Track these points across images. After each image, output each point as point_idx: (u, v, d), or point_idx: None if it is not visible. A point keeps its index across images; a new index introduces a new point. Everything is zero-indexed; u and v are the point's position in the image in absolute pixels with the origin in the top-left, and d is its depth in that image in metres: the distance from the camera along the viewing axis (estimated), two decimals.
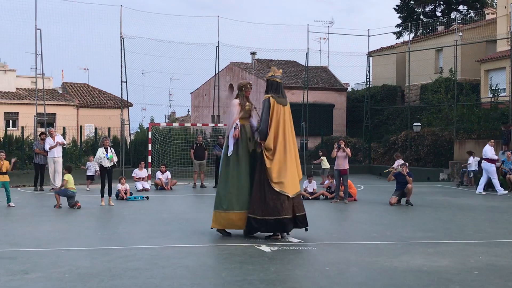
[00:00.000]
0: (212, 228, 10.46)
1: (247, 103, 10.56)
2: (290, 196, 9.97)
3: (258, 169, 10.12)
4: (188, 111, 49.00)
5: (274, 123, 10.11)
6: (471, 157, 22.70)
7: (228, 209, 10.14)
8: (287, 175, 10.03)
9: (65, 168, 16.01)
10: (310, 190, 17.66)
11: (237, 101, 10.56)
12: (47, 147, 19.57)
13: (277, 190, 9.89)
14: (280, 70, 10.85)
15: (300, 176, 10.42)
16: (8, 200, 15.09)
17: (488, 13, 37.46)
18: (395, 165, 21.52)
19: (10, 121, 36.83)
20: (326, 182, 18.15)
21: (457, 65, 30.72)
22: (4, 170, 15.27)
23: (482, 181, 19.84)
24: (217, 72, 31.48)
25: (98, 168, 15.44)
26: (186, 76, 51.17)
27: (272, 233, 10.13)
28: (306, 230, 10.21)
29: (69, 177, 14.99)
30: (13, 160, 16.38)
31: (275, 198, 9.89)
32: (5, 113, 37.05)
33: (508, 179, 20.77)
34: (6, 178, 15.29)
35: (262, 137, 10.15)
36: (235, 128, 10.25)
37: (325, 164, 22.39)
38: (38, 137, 21.25)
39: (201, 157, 22.05)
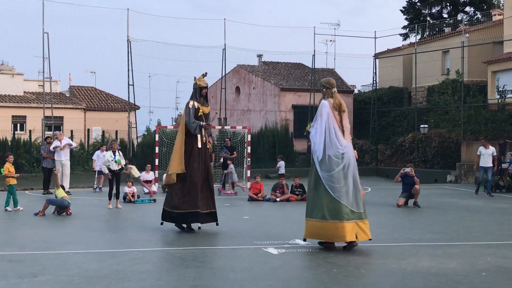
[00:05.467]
0: (305, 240, 9.49)
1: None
2: None
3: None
4: None
5: None
6: (281, 161, 22.74)
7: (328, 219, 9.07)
8: None
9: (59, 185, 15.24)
10: None
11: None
12: (52, 148, 19.58)
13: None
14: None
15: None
16: (15, 203, 15.04)
17: (495, 14, 37.33)
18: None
19: (18, 125, 36.99)
20: None
21: (464, 66, 30.68)
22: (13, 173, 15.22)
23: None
24: (223, 74, 31.53)
25: (107, 171, 15.48)
26: (193, 78, 51.09)
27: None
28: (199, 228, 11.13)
29: (59, 191, 14.53)
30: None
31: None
32: (13, 116, 37.17)
33: None
34: (14, 181, 15.28)
35: None
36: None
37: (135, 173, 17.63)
38: (45, 142, 21.30)
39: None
